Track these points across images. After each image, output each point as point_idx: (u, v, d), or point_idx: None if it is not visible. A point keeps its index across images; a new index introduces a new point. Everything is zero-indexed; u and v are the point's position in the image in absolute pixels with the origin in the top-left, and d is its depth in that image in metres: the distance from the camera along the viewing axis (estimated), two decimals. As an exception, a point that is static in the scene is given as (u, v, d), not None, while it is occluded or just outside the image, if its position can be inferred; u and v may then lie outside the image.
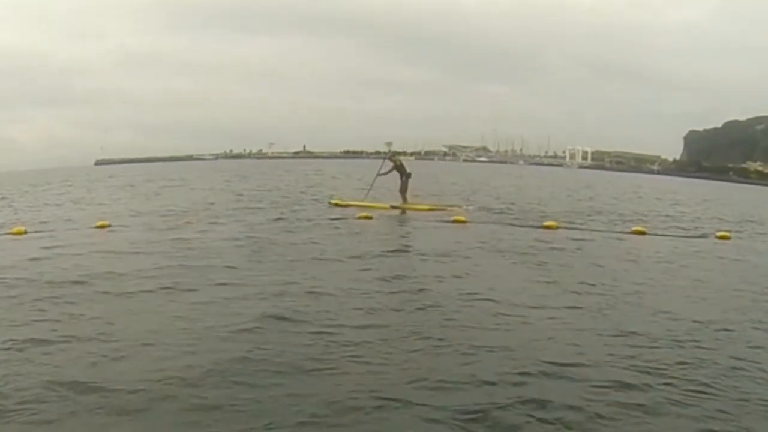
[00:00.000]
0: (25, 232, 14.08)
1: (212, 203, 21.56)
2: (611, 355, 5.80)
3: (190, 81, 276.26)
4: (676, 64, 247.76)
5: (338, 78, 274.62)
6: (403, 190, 18.72)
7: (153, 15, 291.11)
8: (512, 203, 23.02)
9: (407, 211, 18.08)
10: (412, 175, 19.25)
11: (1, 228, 15.13)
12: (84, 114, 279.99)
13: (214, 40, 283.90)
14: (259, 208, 19.14)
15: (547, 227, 15.18)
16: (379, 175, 19.04)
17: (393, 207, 18.43)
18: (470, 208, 19.23)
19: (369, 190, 19.40)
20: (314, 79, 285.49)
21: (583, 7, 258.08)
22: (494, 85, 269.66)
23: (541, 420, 4.41)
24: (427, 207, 18.50)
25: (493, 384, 5.00)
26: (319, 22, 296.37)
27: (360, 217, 15.99)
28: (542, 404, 4.62)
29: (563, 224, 15.95)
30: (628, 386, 5.02)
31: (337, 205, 19.38)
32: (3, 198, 27.58)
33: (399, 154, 24.18)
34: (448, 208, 18.67)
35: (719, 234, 15.16)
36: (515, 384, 5.01)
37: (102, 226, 14.61)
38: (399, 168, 18.77)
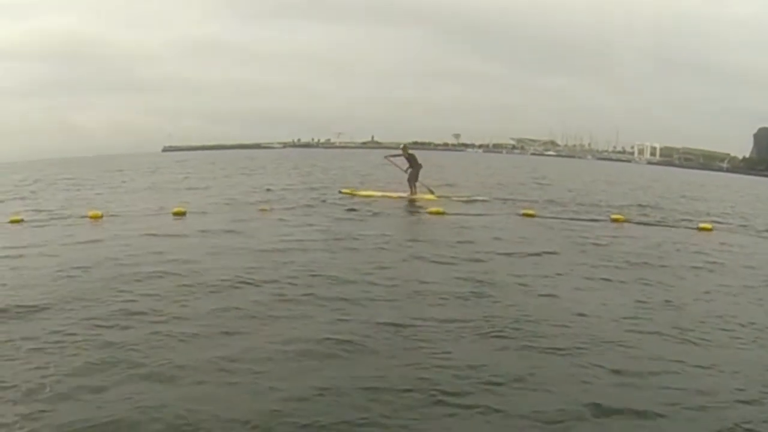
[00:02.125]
0: (102, 217, 14.28)
1: (285, 192, 21.55)
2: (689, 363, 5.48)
3: (257, 69, 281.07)
4: (747, 58, 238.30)
5: (405, 68, 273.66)
6: (412, 179, 19.29)
7: (219, 4, 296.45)
8: (581, 196, 23.22)
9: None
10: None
11: (75, 213, 15.42)
12: (151, 101, 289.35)
13: (280, 29, 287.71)
14: (334, 200, 18.84)
15: (615, 220, 15.62)
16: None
17: (401, 197, 19.04)
18: (480, 198, 19.89)
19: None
20: (381, 69, 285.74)
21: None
22: (562, 78, 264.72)
23: None
24: (434, 197, 19.06)
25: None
26: (386, 11, 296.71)
27: (431, 212, 15.73)
28: None
29: (631, 217, 16.51)
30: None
31: (346, 193, 20.15)
32: (76, 184, 28.32)
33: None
34: (456, 197, 19.42)
35: None
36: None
37: (178, 214, 14.66)
38: (410, 159, 19.37)
